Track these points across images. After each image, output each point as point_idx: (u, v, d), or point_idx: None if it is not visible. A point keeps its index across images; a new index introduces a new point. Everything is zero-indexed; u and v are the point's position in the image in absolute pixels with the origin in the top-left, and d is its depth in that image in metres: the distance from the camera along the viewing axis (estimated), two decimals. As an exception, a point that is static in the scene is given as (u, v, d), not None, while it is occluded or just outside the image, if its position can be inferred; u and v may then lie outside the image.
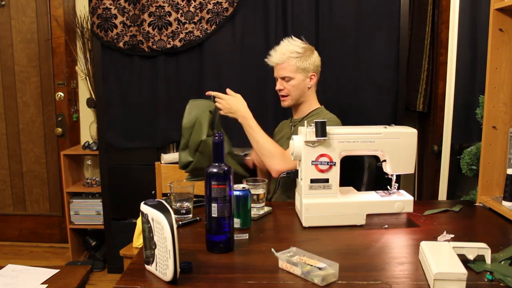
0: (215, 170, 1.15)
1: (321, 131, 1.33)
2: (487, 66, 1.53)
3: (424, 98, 2.47)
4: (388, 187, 1.45)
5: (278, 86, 1.90)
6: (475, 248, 1.07)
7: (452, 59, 1.97)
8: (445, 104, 2.01)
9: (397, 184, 1.44)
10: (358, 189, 1.50)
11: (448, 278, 0.95)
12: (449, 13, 2.00)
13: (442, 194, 2.09)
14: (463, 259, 1.03)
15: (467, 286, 0.95)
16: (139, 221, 2.25)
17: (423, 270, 1.05)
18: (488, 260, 1.06)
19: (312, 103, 1.95)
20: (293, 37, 1.92)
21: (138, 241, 2.24)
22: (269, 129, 2.15)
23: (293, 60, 1.84)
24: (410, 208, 1.40)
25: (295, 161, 1.46)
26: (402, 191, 1.46)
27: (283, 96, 1.91)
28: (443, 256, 1.03)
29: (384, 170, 1.44)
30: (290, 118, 2.08)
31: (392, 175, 1.43)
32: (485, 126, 1.56)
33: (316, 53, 1.92)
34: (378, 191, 1.46)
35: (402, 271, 1.06)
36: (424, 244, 1.10)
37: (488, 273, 1.01)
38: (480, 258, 1.07)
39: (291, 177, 1.45)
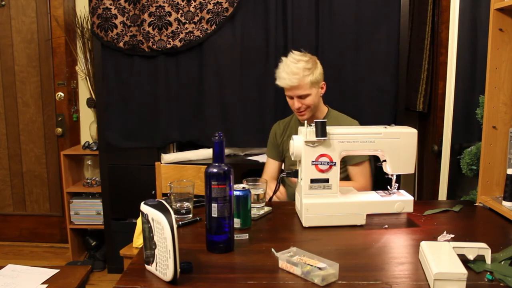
0: (215, 170, 1.15)
1: (321, 131, 1.33)
2: (487, 66, 1.53)
3: (424, 98, 2.47)
4: (388, 187, 1.45)
5: (296, 105, 1.85)
6: (475, 248, 1.07)
7: (452, 59, 1.97)
8: (445, 104, 2.01)
9: (397, 184, 1.44)
10: None
11: (448, 278, 0.95)
12: (449, 13, 2.00)
13: (442, 194, 2.08)
14: (463, 259, 1.03)
15: (467, 286, 0.95)
16: (139, 221, 2.25)
17: (423, 270, 1.05)
18: (488, 260, 1.06)
19: (323, 108, 1.96)
20: (293, 51, 1.88)
21: (138, 241, 2.24)
22: (268, 128, 2.14)
23: (307, 78, 1.81)
24: (410, 208, 1.40)
25: None
26: (402, 191, 1.46)
27: (302, 111, 1.87)
28: (443, 256, 1.03)
29: (384, 170, 1.44)
30: (297, 124, 1.96)
31: (392, 175, 1.43)
32: (485, 126, 1.55)
33: (318, 62, 1.90)
34: (378, 191, 1.46)
35: (402, 271, 1.06)
36: (424, 244, 1.10)
37: (488, 273, 1.01)
38: (480, 258, 1.07)
39: (291, 176, 1.45)
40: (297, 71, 1.80)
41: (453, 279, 0.95)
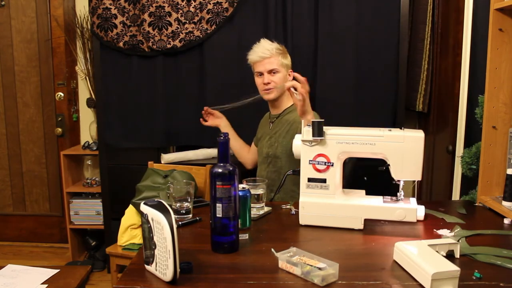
0: (220, 170, 1.15)
1: (317, 130, 1.33)
2: (487, 66, 1.53)
3: (424, 98, 2.47)
4: (398, 193, 1.39)
5: (266, 79, 1.97)
6: (446, 244, 1.11)
7: (465, 58, 1.95)
8: (459, 103, 1.99)
9: (402, 191, 1.38)
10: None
11: (444, 277, 0.96)
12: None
13: (456, 194, 2.06)
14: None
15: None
16: (123, 219, 2.27)
17: (405, 271, 1.05)
18: (457, 254, 1.12)
19: (288, 99, 2.05)
20: (265, 38, 2.04)
21: (122, 239, 2.25)
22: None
23: (278, 56, 1.97)
24: (413, 218, 1.35)
25: None
26: (411, 199, 1.41)
27: (269, 89, 1.99)
28: (427, 256, 1.04)
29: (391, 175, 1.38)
30: (268, 114, 2.16)
31: (398, 180, 1.38)
32: (485, 126, 1.55)
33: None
34: (385, 197, 1.41)
35: (402, 271, 1.06)
36: (400, 245, 1.10)
37: (476, 271, 1.02)
38: (451, 253, 1.12)
39: (297, 174, 1.45)
40: (269, 47, 1.98)
41: (448, 277, 0.96)
